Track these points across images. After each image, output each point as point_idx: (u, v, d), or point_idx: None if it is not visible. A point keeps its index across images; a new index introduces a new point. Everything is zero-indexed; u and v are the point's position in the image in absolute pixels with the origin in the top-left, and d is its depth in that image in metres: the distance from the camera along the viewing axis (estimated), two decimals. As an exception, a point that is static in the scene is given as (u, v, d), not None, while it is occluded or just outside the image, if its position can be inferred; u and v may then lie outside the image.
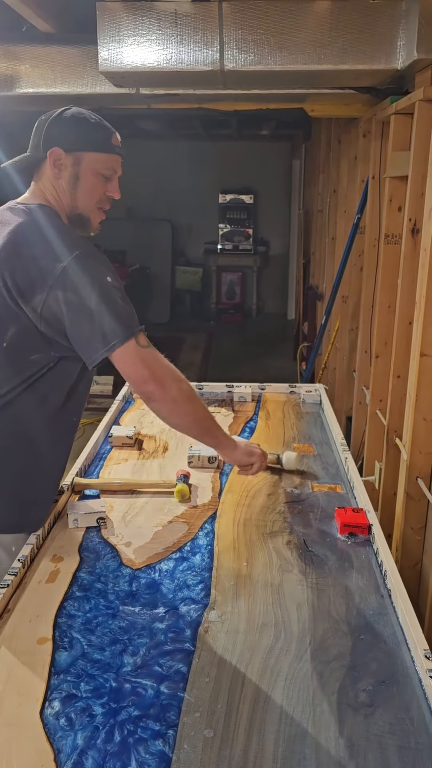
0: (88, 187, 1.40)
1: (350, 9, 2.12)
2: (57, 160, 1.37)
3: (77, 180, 1.39)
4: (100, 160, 1.40)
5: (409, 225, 2.32)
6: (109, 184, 1.42)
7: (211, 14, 2.16)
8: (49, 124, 1.38)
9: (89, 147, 1.39)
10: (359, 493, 1.61)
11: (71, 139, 1.37)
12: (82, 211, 1.42)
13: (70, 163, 1.38)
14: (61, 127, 1.38)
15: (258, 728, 0.95)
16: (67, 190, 1.40)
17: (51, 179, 1.39)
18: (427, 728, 0.96)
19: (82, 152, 1.38)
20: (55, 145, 1.36)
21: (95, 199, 1.42)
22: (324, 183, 4.95)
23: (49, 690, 1.02)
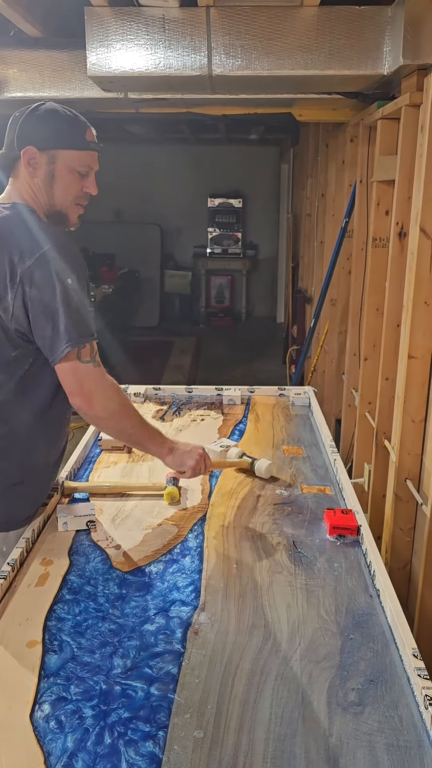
0: (63, 185, 1.40)
1: (337, 15, 2.14)
2: (31, 159, 1.37)
3: (53, 178, 1.39)
4: (74, 158, 1.39)
5: (397, 229, 2.35)
6: (85, 180, 1.42)
7: (199, 20, 2.17)
8: (22, 122, 1.37)
9: (63, 144, 1.38)
10: (348, 494, 1.62)
11: (44, 137, 1.37)
12: (60, 207, 1.42)
13: (45, 162, 1.38)
14: (34, 125, 1.37)
15: (248, 728, 0.95)
16: (43, 188, 1.40)
17: (26, 178, 1.39)
18: (416, 726, 0.96)
19: (56, 150, 1.37)
20: (28, 144, 1.36)
21: (71, 195, 1.42)
22: (312, 187, 4.98)
23: (38, 693, 1.02)
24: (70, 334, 1.30)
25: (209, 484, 1.75)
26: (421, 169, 1.97)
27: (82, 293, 1.32)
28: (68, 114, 1.40)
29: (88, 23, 2.19)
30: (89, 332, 1.34)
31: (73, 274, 1.31)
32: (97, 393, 1.37)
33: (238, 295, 8.85)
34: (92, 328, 1.35)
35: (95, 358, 1.35)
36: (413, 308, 2.04)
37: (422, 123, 2.02)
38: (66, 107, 1.41)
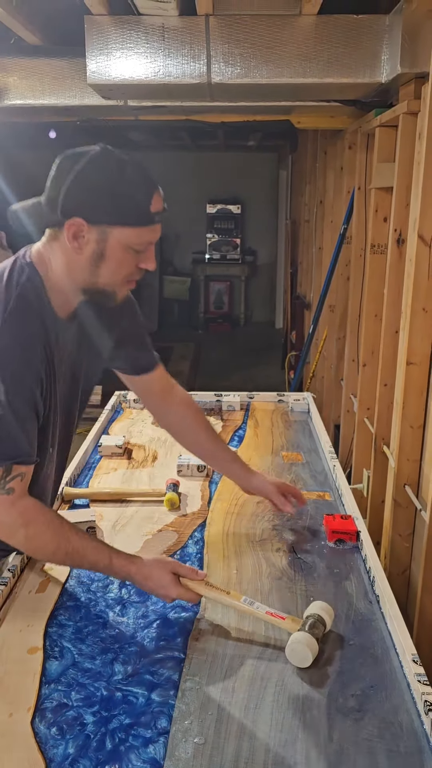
0: (114, 265, 1.15)
1: (335, 24, 2.16)
2: (78, 233, 1.12)
3: (101, 257, 1.14)
4: (133, 235, 1.13)
5: (395, 235, 2.36)
6: (142, 255, 1.17)
7: (198, 28, 2.19)
8: (73, 181, 1.10)
9: (121, 220, 1.11)
10: (347, 500, 1.63)
11: (98, 209, 1.10)
12: (104, 286, 1.18)
13: (94, 239, 1.12)
14: (86, 191, 1.10)
15: (249, 735, 0.96)
16: (87, 267, 1.15)
17: (66, 248, 1.15)
18: (416, 732, 0.97)
19: (111, 227, 1.11)
20: (76, 214, 1.10)
21: (122, 274, 1.18)
22: (311, 193, 5.00)
23: (39, 699, 1.02)
24: None
25: (209, 490, 1.75)
26: (419, 176, 1.98)
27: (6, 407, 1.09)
28: (133, 174, 1.11)
29: (87, 31, 2.21)
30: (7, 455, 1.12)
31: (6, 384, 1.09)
32: (8, 524, 1.17)
33: (236, 300, 8.87)
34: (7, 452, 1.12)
35: (5, 485, 1.13)
36: (411, 314, 2.05)
37: (420, 131, 2.03)
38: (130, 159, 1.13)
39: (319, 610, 1.16)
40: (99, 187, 1.10)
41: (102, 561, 1.20)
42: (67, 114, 3.03)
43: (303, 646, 1.08)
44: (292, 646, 1.09)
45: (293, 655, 1.09)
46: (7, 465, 1.13)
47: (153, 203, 1.13)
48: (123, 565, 1.20)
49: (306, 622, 1.13)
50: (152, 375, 1.55)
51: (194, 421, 1.58)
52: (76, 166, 1.10)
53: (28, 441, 1.16)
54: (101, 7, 2.11)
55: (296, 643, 1.09)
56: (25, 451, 1.15)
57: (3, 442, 1.12)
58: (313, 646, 1.09)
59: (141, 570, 1.20)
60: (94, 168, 1.10)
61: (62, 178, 1.11)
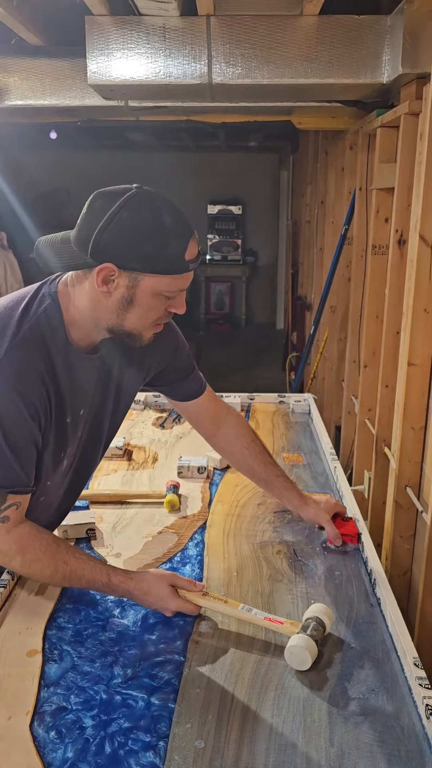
0: (143, 311, 1.13)
1: (336, 24, 2.16)
2: (108, 278, 1.09)
3: (130, 303, 1.12)
4: (165, 282, 1.10)
5: (396, 236, 2.35)
6: (172, 301, 1.15)
7: (200, 28, 2.18)
8: (104, 223, 1.05)
9: (154, 268, 1.09)
10: (348, 501, 1.62)
11: (130, 255, 1.07)
12: (130, 330, 1.16)
13: (125, 284, 1.10)
14: (119, 236, 1.06)
15: (249, 738, 0.95)
16: (114, 311, 1.13)
17: (94, 290, 1.12)
18: (417, 736, 0.96)
19: (143, 274, 1.09)
20: (108, 258, 1.07)
21: (150, 320, 1.16)
22: (312, 194, 4.99)
23: (38, 703, 1.02)
24: None
25: (209, 491, 1.74)
26: (420, 176, 1.98)
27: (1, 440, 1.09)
28: (170, 220, 1.08)
29: (88, 32, 2.20)
30: None
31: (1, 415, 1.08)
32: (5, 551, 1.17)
33: (237, 301, 8.87)
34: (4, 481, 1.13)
35: (0, 513, 1.13)
36: (413, 315, 2.04)
37: (421, 131, 2.02)
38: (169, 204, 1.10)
39: (318, 612, 1.15)
40: (133, 232, 1.06)
41: (100, 580, 1.20)
42: (68, 114, 3.03)
43: (301, 649, 1.07)
44: (290, 650, 1.08)
45: (292, 659, 1.08)
46: (2, 494, 1.13)
47: (188, 251, 1.10)
48: (121, 582, 1.20)
49: (305, 625, 1.12)
50: (198, 402, 1.52)
51: (248, 449, 1.54)
52: (111, 208, 1.06)
53: (23, 471, 1.15)
54: (102, 8, 2.11)
55: (295, 647, 1.08)
56: (21, 481, 1.15)
57: None
58: (312, 649, 1.08)
59: (139, 585, 1.20)
60: (129, 212, 1.06)
61: (95, 220, 1.06)
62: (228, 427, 1.56)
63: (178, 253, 1.08)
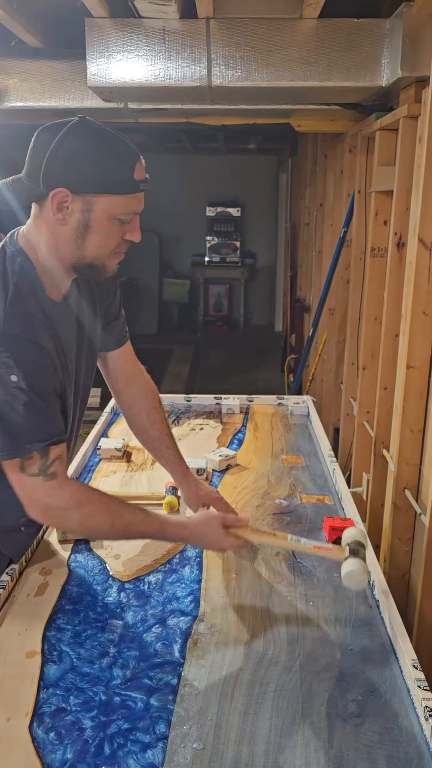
0: (100, 236, 1.14)
1: (336, 27, 2.16)
2: (61, 204, 1.11)
3: (87, 228, 1.13)
4: (118, 203, 1.12)
5: (395, 239, 2.36)
6: (126, 226, 1.16)
7: (199, 31, 2.19)
8: (53, 150, 1.08)
9: (105, 188, 1.10)
10: (347, 504, 1.62)
11: (81, 177, 1.09)
12: (92, 260, 1.18)
13: (79, 209, 1.11)
14: (68, 158, 1.08)
15: (248, 740, 0.95)
16: (72, 239, 1.14)
17: (50, 223, 1.14)
18: (416, 738, 0.96)
19: (95, 195, 1.10)
20: (59, 184, 1.09)
21: (109, 247, 1.17)
22: (311, 196, 5.00)
23: (38, 704, 1.02)
24: (8, 443, 1.10)
25: (208, 493, 1.74)
26: (419, 179, 1.98)
27: (29, 393, 1.09)
28: (114, 142, 1.11)
29: (88, 34, 2.21)
30: (33, 439, 1.10)
31: (17, 369, 1.07)
32: (51, 507, 1.15)
33: (236, 303, 8.87)
34: (40, 435, 1.11)
35: (47, 470, 1.12)
36: (412, 318, 2.05)
37: (420, 134, 2.03)
38: (107, 126, 1.12)
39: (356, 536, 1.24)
40: (81, 155, 1.09)
41: (154, 529, 1.24)
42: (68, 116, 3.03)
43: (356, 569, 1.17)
44: (349, 575, 1.17)
45: (350, 582, 1.18)
46: (44, 448, 1.12)
47: (136, 171, 1.12)
48: (175, 532, 1.26)
49: (352, 549, 1.21)
50: (118, 353, 1.55)
51: (147, 412, 1.58)
52: (56, 137, 1.09)
53: (56, 420, 1.16)
54: (102, 10, 2.11)
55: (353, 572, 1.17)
56: (57, 430, 1.15)
57: (35, 427, 1.11)
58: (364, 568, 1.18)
59: (194, 532, 1.26)
60: (76, 137, 1.09)
61: (43, 149, 1.09)
62: (136, 387, 1.59)
63: (127, 173, 1.11)
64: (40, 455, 1.12)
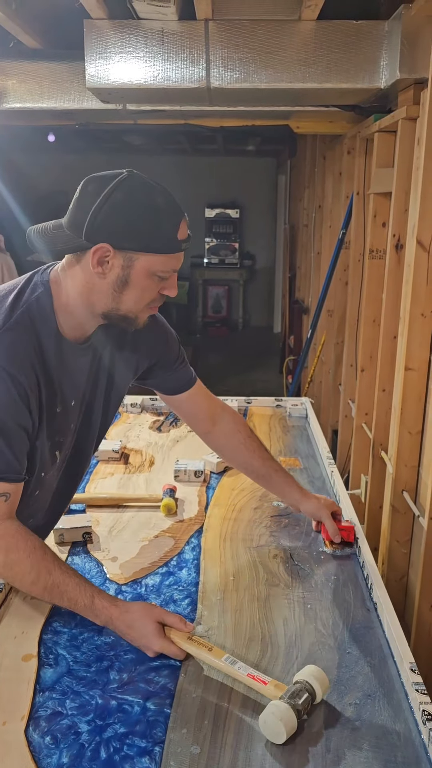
0: (138, 292, 1.14)
1: (334, 29, 2.16)
2: (103, 258, 1.10)
3: (125, 284, 1.13)
4: (159, 262, 1.12)
5: (393, 241, 2.36)
6: (164, 282, 1.16)
7: (198, 33, 2.19)
8: (98, 205, 1.07)
9: (147, 247, 1.10)
10: (345, 506, 1.62)
11: (125, 235, 1.09)
12: (126, 313, 1.17)
13: (119, 264, 1.11)
14: (112, 215, 1.08)
15: (245, 744, 0.95)
16: (109, 293, 1.14)
17: (88, 273, 1.13)
18: (413, 742, 0.96)
19: (137, 253, 1.10)
20: (103, 239, 1.08)
21: (145, 302, 1.17)
22: (309, 198, 5.01)
23: (34, 708, 1.01)
24: None
25: (206, 495, 1.74)
26: (418, 181, 1.98)
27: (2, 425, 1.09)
28: (160, 200, 1.10)
29: (87, 35, 2.21)
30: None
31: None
32: None
33: (234, 304, 8.87)
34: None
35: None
36: (410, 320, 2.05)
37: (419, 136, 2.03)
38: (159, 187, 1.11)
39: (309, 676, 1.00)
40: (127, 212, 1.08)
41: (83, 600, 1.14)
42: (66, 117, 3.03)
43: (275, 720, 0.93)
44: (264, 717, 0.95)
45: (266, 728, 0.95)
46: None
47: (180, 230, 1.12)
48: (105, 607, 1.13)
49: (291, 690, 0.98)
50: (191, 395, 1.51)
51: (245, 445, 1.53)
52: (104, 191, 1.08)
53: (15, 458, 1.12)
54: (100, 11, 2.11)
55: (269, 715, 0.94)
56: (13, 467, 1.12)
57: None
58: (289, 722, 0.93)
59: (123, 616, 1.12)
60: (123, 193, 1.08)
61: (89, 202, 1.08)
62: (224, 423, 1.55)
63: (171, 233, 1.11)
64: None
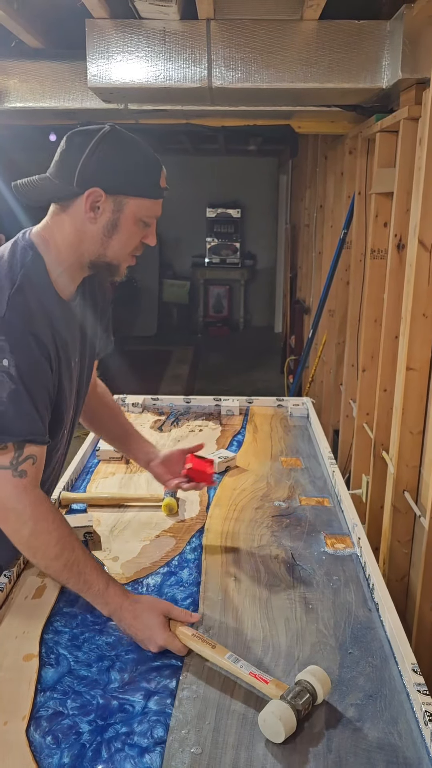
0: (125, 236, 1.21)
1: (336, 29, 2.16)
2: (95, 203, 1.16)
3: (115, 227, 1.19)
4: (145, 207, 1.20)
5: (395, 240, 2.35)
6: (146, 230, 1.23)
7: (200, 32, 2.19)
8: (90, 153, 1.14)
9: (136, 191, 1.18)
10: (346, 506, 1.62)
11: (116, 179, 1.16)
12: (111, 259, 1.23)
13: (110, 209, 1.17)
14: (105, 161, 1.15)
15: (246, 745, 0.94)
16: (99, 238, 1.20)
17: (79, 221, 1.19)
18: (415, 743, 0.96)
19: (127, 197, 1.18)
20: (94, 184, 1.15)
21: (130, 248, 1.24)
22: (311, 198, 5.00)
23: (35, 707, 1.01)
24: None
25: (207, 495, 1.74)
26: (420, 181, 1.98)
27: (18, 382, 1.09)
28: (144, 150, 1.19)
29: (88, 35, 2.21)
30: (11, 430, 1.10)
31: (9, 356, 1.09)
32: (6, 508, 1.12)
33: (236, 304, 8.87)
34: (20, 428, 1.11)
35: (18, 466, 1.11)
36: (411, 320, 2.05)
37: (420, 136, 2.03)
38: (137, 138, 1.20)
39: (310, 677, 1.00)
40: (116, 159, 1.16)
41: (98, 584, 1.15)
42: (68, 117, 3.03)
43: (275, 720, 0.93)
44: (263, 716, 0.95)
45: (265, 727, 0.95)
46: (19, 443, 1.11)
47: (162, 179, 1.21)
48: (117, 595, 1.15)
49: (292, 690, 0.98)
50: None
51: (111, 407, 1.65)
52: (92, 141, 1.15)
53: (40, 419, 1.14)
54: (102, 11, 2.11)
55: (269, 714, 0.94)
56: (38, 429, 1.13)
57: (16, 418, 1.10)
58: (289, 722, 0.93)
59: (133, 606, 1.14)
60: (110, 142, 1.16)
61: (78, 152, 1.15)
62: (99, 387, 1.64)
63: (156, 179, 1.20)
64: (15, 447, 1.11)
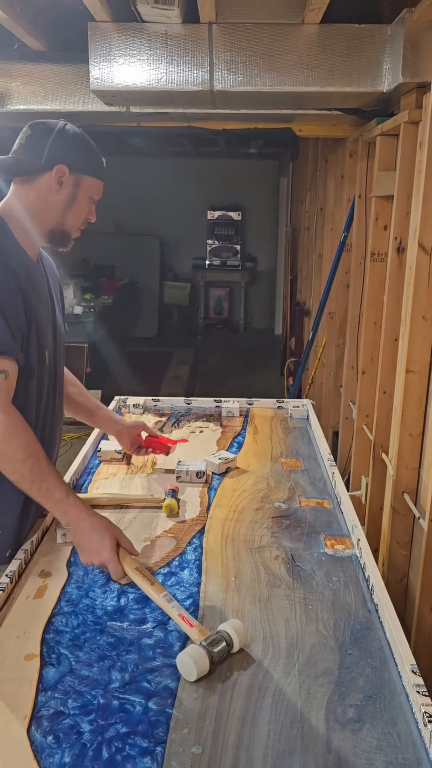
0: (79, 209, 1.45)
1: (337, 33, 2.18)
2: (61, 178, 1.40)
3: (73, 200, 1.43)
4: (94, 185, 1.46)
5: (395, 243, 2.36)
6: (91, 207, 1.49)
7: (201, 36, 2.20)
8: (55, 138, 1.40)
9: (90, 171, 1.44)
10: (346, 507, 1.62)
11: (77, 160, 1.41)
12: (67, 228, 1.46)
13: (71, 183, 1.42)
14: (68, 145, 1.41)
15: (246, 745, 0.95)
16: (60, 208, 1.43)
17: (44, 192, 1.41)
18: (415, 744, 0.96)
19: (84, 175, 1.43)
20: (61, 162, 1.39)
21: (80, 220, 1.48)
22: (311, 201, 5.01)
23: (36, 707, 1.02)
24: None
25: (208, 496, 1.75)
26: (420, 185, 1.99)
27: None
28: (91, 141, 1.46)
29: (91, 38, 2.22)
30: None
31: None
32: None
33: (236, 306, 8.88)
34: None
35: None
36: (411, 322, 2.05)
37: (421, 140, 2.04)
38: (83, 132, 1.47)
39: (229, 627, 1.13)
40: (77, 143, 1.43)
41: (59, 492, 1.28)
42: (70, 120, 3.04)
43: (190, 660, 1.06)
44: (181, 657, 1.08)
45: (181, 666, 1.08)
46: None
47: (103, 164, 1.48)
48: (77, 505, 1.29)
49: (211, 637, 1.11)
50: None
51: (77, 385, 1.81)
52: (55, 129, 1.41)
53: (11, 334, 1.27)
54: (105, 14, 2.12)
55: (185, 656, 1.07)
56: (8, 343, 1.27)
57: None
58: (201, 664, 1.06)
59: (91, 518, 1.29)
60: (70, 131, 1.43)
61: (44, 137, 1.40)
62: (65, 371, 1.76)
63: (102, 164, 1.47)
64: None
